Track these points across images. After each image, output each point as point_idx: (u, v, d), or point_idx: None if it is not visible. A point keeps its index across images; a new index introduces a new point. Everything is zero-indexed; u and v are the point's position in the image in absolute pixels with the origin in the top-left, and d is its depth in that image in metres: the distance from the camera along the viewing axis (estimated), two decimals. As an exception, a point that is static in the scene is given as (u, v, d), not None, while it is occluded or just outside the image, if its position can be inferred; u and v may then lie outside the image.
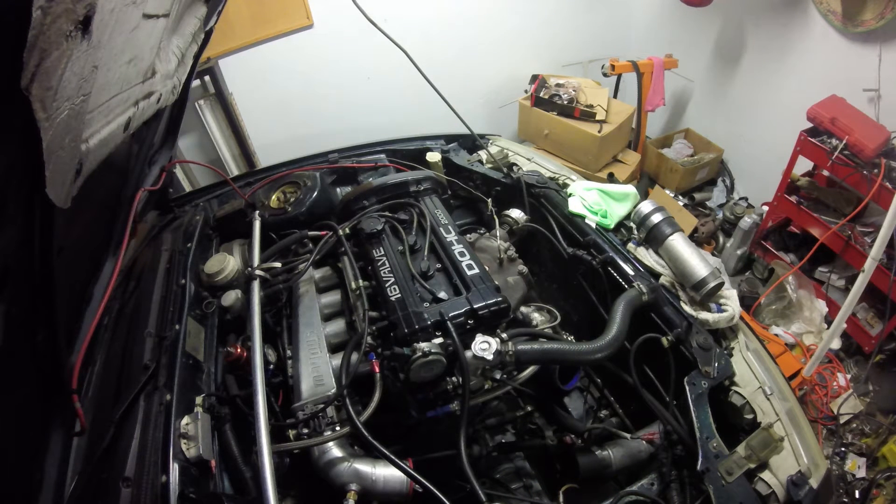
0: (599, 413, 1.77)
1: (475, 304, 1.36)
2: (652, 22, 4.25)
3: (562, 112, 3.61)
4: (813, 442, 1.31)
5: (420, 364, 1.25)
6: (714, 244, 3.75)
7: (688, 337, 1.48)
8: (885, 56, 2.73)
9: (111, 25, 0.89)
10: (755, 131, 3.73)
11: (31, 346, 0.99)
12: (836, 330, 2.51)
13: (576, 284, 1.89)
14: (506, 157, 2.31)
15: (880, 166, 2.48)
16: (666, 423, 1.38)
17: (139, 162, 1.73)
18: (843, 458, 2.54)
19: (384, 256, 1.56)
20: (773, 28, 3.34)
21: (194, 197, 2.18)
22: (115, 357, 1.36)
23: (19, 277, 0.88)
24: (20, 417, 1.02)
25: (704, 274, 1.57)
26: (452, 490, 1.12)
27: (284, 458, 1.26)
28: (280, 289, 1.60)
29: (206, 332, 1.47)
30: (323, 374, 1.36)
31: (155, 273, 1.60)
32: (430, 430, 1.42)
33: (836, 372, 2.86)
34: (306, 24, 3.33)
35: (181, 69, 1.68)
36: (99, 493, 1.06)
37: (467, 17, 3.76)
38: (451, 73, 2.71)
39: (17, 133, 0.70)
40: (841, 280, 2.98)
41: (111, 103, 1.11)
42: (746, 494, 1.19)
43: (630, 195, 1.98)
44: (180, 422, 1.16)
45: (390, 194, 1.82)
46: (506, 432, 1.71)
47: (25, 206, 0.82)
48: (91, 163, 1.02)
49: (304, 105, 3.59)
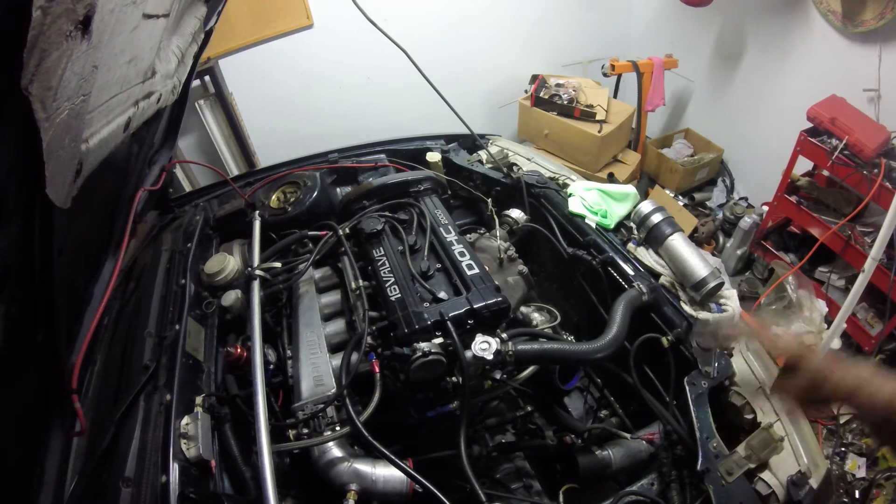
0: (599, 413, 1.77)
1: (475, 304, 1.36)
2: (652, 22, 4.24)
3: (562, 112, 3.61)
4: (813, 442, 1.32)
5: (420, 364, 1.25)
6: (714, 244, 3.75)
7: (688, 337, 1.48)
8: (885, 56, 2.72)
9: (111, 25, 0.89)
10: (755, 131, 3.73)
11: (31, 346, 0.99)
12: (836, 330, 2.51)
13: (576, 284, 1.89)
14: (506, 157, 2.31)
15: (880, 166, 2.48)
16: (666, 423, 1.38)
17: (139, 162, 1.73)
18: (843, 458, 2.53)
19: (384, 256, 1.55)
20: (773, 28, 3.33)
21: (194, 197, 2.18)
22: (115, 357, 1.36)
23: (19, 277, 0.87)
24: (20, 417, 1.02)
25: (704, 274, 1.57)
26: (452, 490, 1.12)
27: (284, 458, 1.26)
28: (280, 289, 1.60)
29: (206, 332, 1.47)
30: (323, 374, 1.36)
31: (155, 273, 1.60)
32: (430, 430, 1.42)
33: (836, 372, 2.86)
34: (306, 24, 3.33)
35: (181, 69, 1.68)
36: (99, 493, 1.05)
37: (467, 17, 3.76)
38: (451, 73, 2.71)
39: (17, 133, 0.70)
40: (841, 280, 2.98)
41: (111, 103, 1.11)
42: (746, 494, 1.19)
43: (630, 195, 1.98)
44: (180, 422, 1.16)
45: (390, 194, 1.82)
46: (506, 432, 1.71)
47: (25, 206, 0.82)
48: (91, 163, 1.02)
49: (304, 105, 3.59)
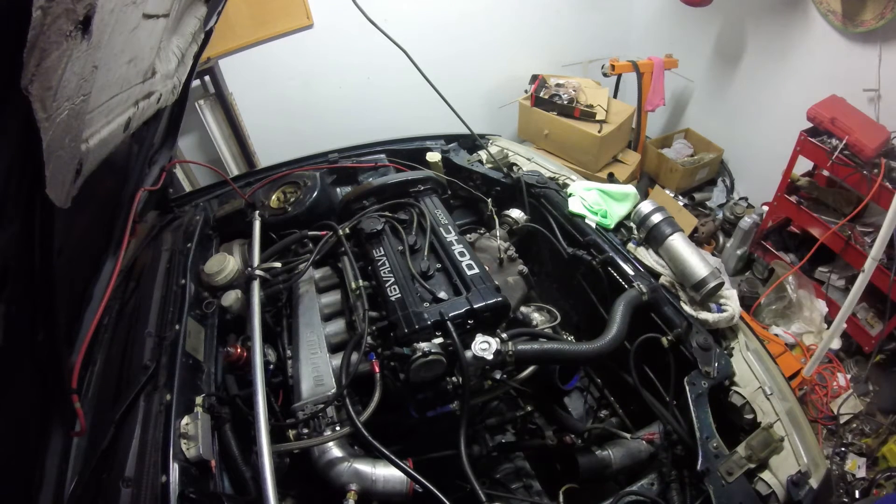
0: (599, 413, 1.77)
1: (475, 304, 1.36)
2: (652, 22, 4.24)
3: (562, 112, 3.61)
4: (813, 442, 1.31)
5: (420, 364, 1.25)
6: (714, 244, 3.75)
7: (688, 337, 1.48)
8: (885, 56, 2.72)
9: (111, 25, 0.89)
10: (755, 131, 3.73)
11: (31, 346, 0.98)
12: (836, 330, 2.51)
13: (576, 284, 1.89)
14: (506, 157, 2.31)
15: (880, 166, 2.48)
16: (666, 423, 1.38)
17: (139, 162, 1.73)
18: (843, 458, 2.54)
19: (384, 256, 1.55)
20: (774, 28, 3.33)
21: (194, 197, 2.17)
22: (115, 357, 1.36)
23: (19, 277, 0.87)
24: (20, 417, 1.02)
25: (704, 274, 1.57)
26: (452, 490, 1.12)
27: (284, 458, 1.26)
28: (280, 289, 1.60)
29: (206, 332, 1.47)
30: (323, 374, 1.36)
31: (155, 273, 1.60)
32: (430, 430, 1.42)
33: (836, 372, 2.86)
34: (306, 24, 3.33)
35: (181, 69, 1.68)
36: (99, 493, 1.06)
37: (467, 17, 3.76)
38: (451, 73, 2.71)
39: (17, 133, 0.70)
40: (841, 280, 2.98)
41: (111, 103, 1.11)
42: (746, 494, 1.19)
43: (630, 195, 1.98)
44: (180, 422, 1.16)
45: (390, 194, 1.82)
46: (506, 432, 1.71)
47: (25, 206, 0.82)
48: (91, 163, 1.02)
49: (304, 105, 3.59)
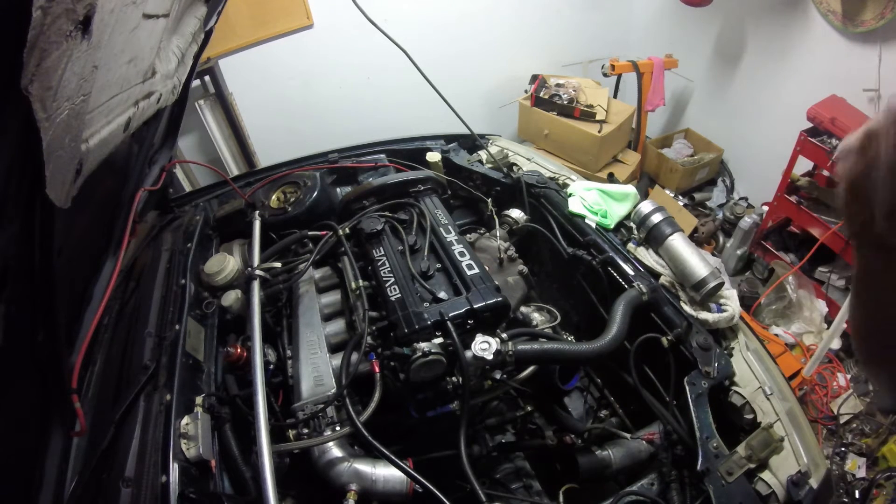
0: (599, 413, 1.77)
1: (475, 304, 1.36)
2: (652, 22, 4.24)
3: (562, 112, 3.61)
4: (813, 442, 1.31)
5: (420, 364, 1.25)
6: (714, 244, 3.75)
7: (688, 337, 1.48)
8: (885, 56, 2.72)
9: (111, 25, 0.89)
10: (755, 131, 3.73)
11: (31, 346, 0.98)
12: (836, 330, 2.51)
13: (576, 284, 1.89)
14: (506, 157, 2.31)
15: (880, 166, 2.48)
16: (666, 423, 1.38)
17: (139, 162, 1.73)
18: (843, 458, 2.54)
19: (384, 256, 1.55)
20: (773, 28, 3.33)
21: (194, 197, 2.17)
22: (115, 357, 1.36)
23: (19, 277, 0.87)
24: (20, 417, 1.02)
25: (704, 274, 1.57)
26: (452, 490, 1.12)
27: (284, 458, 1.26)
28: (280, 289, 1.60)
29: (206, 332, 1.47)
30: (323, 374, 1.36)
31: (155, 273, 1.60)
32: (430, 430, 1.42)
33: (836, 372, 2.86)
34: (306, 24, 3.33)
35: (181, 69, 1.68)
36: (99, 493, 1.06)
37: (467, 17, 3.76)
38: (451, 73, 2.71)
39: (17, 133, 0.70)
40: (841, 280, 2.98)
41: (111, 103, 1.11)
42: (746, 494, 1.19)
43: (630, 195, 1.98)
44: (180, 422, 1.16)
45: (390, 194, 1.82)
46: (506, 432, 1.70)
47: (25, 206, 0.82)
48: (91, 163, 1.02)
49: (304, 105, 3.59)
